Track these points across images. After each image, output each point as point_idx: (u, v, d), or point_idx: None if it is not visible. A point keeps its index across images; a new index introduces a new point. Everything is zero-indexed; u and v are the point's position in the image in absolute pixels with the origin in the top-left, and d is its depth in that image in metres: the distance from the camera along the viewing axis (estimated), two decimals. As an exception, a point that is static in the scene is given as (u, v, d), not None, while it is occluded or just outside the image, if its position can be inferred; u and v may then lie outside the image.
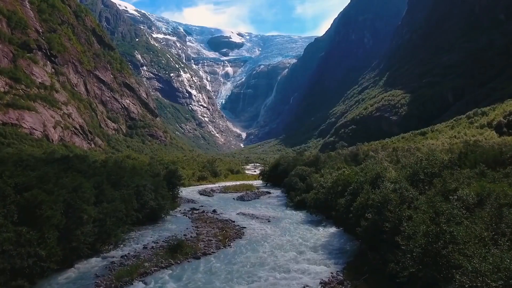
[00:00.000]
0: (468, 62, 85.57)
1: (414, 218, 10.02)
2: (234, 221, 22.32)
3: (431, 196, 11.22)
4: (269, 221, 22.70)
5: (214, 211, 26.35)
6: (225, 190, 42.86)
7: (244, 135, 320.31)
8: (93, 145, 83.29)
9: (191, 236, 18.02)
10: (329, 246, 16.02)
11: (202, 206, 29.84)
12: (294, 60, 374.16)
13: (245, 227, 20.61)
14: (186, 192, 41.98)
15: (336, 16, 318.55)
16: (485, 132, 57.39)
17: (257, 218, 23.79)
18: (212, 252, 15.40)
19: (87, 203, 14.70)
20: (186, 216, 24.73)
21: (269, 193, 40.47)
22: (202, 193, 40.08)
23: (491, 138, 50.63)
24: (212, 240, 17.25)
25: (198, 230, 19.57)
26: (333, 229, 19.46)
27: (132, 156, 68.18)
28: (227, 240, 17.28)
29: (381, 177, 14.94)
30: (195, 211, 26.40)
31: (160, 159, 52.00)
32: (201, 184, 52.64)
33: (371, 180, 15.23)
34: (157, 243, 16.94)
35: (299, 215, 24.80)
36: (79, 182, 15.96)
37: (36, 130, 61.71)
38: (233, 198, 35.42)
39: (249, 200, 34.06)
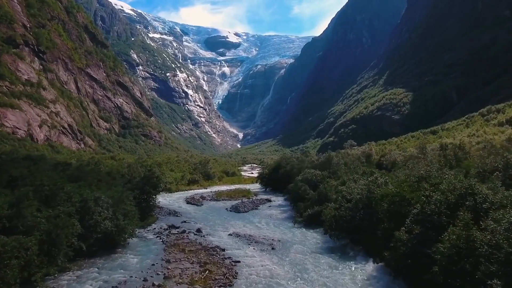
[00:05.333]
0: (471, 60, 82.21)
1: None
2: (223, 250, 15.77)
3: None
4: (273, 248, 16.27)
5: (199, 230, 19.80)
6: (217, 196, 36.44)
7: (241, 135, 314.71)
8: (82, 145, 77.41)
9: (153, 284, 11.51)
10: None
11: (185, 221, 23.34)
12: (292, 60, 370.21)
13: (238, 262, 14.10)
14: (172, 199, 35.61)
15: (333, 16, 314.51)
16: (506, 130, 52.43)
17: (256, 242, 17.30)
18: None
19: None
20: (160, 238, 18.19)
21: (270, 200, 34.14)
22: (190, 201, 33.59)
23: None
24: (185, 292, 10.80)
25: (168, 269, 13.02)
26: (369, 265, 13.14)
27: (117, 157, 62.04)
28: (209, 292, 10.81)
29: (474, 195, 8.58)
30: (173, 231, 19.83)
31: (143, 160, 45.46)
32: (191, 189, 46.33)
33: (455, 200, 8.84)
34: (96, 298, 10.49)
35: (313, 237, 18.37)
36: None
37: (19, 129, 56.20)
38: (226, 209, 28.95)
39: (246, 212, 27.63)
